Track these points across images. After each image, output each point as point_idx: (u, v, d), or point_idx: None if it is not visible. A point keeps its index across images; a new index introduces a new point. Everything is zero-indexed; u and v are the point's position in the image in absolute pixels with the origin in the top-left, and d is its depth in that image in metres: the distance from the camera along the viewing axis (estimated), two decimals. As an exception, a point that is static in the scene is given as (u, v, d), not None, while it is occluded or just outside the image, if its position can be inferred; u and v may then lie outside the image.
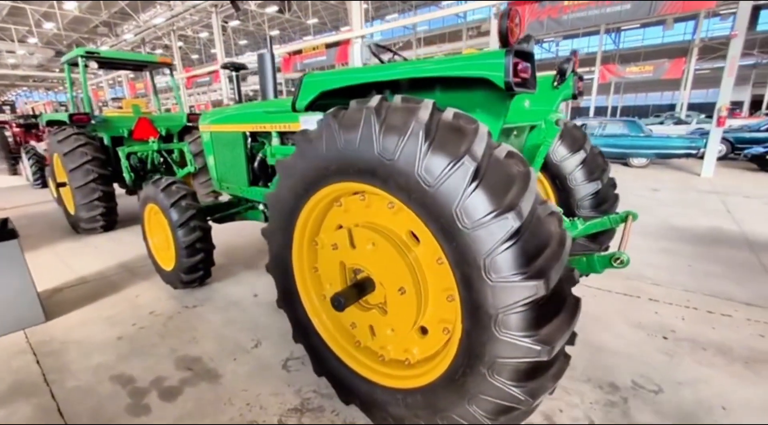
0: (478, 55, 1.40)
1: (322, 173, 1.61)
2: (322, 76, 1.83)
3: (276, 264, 2.03)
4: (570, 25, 9.93)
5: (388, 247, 1.54)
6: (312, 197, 1.73)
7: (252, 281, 3.57)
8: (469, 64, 1.41)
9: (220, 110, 3.62)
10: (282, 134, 3.10)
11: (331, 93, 1.83)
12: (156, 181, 3.21)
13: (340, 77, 1.76)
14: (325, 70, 3.22)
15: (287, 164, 1.76)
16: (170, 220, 3.03)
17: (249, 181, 3.42)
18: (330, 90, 1.80)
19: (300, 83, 1.88)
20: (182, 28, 26.10)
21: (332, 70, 1.83)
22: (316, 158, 1.61)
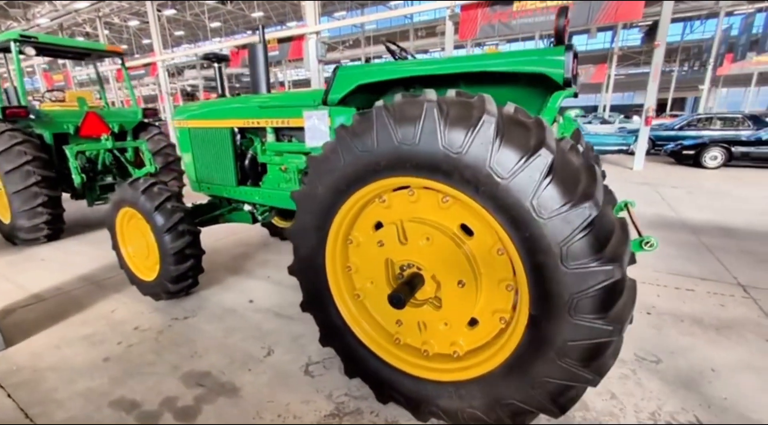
0: (536, 52, 1.45)
1: (371, 168, 1.57)
2: (361, 68, 1.77)
3: (304, 266, 1.93)
4: (519, 30, 10.57)
5: (445, 241, 1.55)
6: (355, 193, 1.67)
7: (242, 287, 3.36)
8: (526, 60, 1.46)
9: (200, 104, 3.35)
10: (277, 130, 2.96)
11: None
12: (133, 182, 2.88)
13: (383, 70, 1.72)
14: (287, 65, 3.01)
15: (325, 160, 1.68)
16: (154, 225, 2.75)
17: (237, 181, 3.21)
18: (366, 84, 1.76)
19: (334, 76, 1.81)
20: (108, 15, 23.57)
21: (372, 64, 1.78)
22: (365, 154, 1.56)
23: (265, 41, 2.98)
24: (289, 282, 3.45)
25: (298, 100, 2.67)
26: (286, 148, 2.94)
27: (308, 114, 2.57)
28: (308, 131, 2.60)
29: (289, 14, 32.99)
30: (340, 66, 1.82)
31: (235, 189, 3.27)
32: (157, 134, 5.44)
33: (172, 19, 30.41)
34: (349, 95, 1.94)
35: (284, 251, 4.23)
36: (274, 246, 4.41)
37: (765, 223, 5.14)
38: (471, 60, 1.56)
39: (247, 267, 3.80)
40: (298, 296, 3.28)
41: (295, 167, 2.91)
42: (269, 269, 3.76)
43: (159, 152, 5.31)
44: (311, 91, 2.64)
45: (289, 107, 2.70)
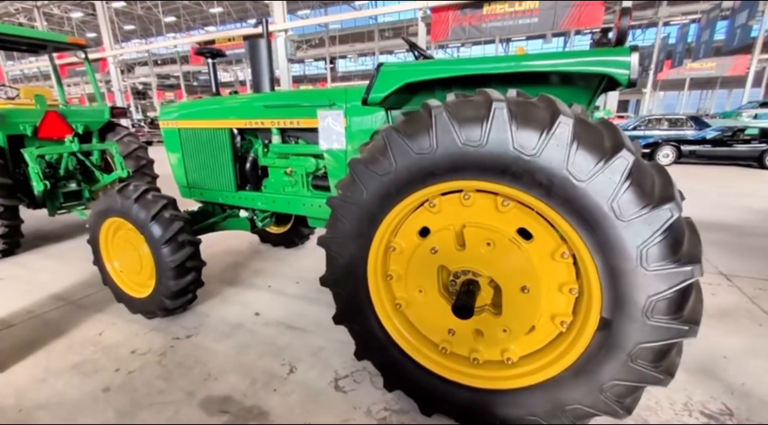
0: (601, 52, 1.44)
1: (428, 171, 1.49)
2: (408, 66, 1.68)
3: (342, 276, 1.81)
4: (488, 33, 10.88)
5: (508, 245, 1.50)
6: (405, 198, 1.58)
7: (242, 299, 3.14)
8: (592, 60, 1.44)
9: (191, 103, 3.10)
10: (283, 131, 2.79)
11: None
12: (122, 189, 2.60)
13: (434, 69, 1.64)
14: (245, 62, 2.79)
15: (373, 162, 1.57)
16: (151, 237, 2.49)
17: (237, 185, 3.00)
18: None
19: (376, 73, 1.71)
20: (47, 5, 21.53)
21: (419, 62, 1.70)
22: (421, 156, 1.47)
23: (269, 35, 2.80)
24: (293, 292, 3.27)
25: (311, 99, 2.52)
26: (294, 150, 2.78)
27: (323, 114, 2.44)
28: (322, 132, 2.47)
29: (250, 11, 31.90)
30: (384, 63, 1.72)
31: (233, 195, 3.05)
32: (126, 135, 4.99)
33: (120, 12, 28.37)
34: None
35: (279, 259, 4.02)
36: (267, 253, 4.18)
37: (724, 215, 5.60)
38: (533, 59, 1.53)
39: (243, 277, 3.57)
40: (305, 306, 3.18)
41: (303, 169, 2.76)
42: (267, 278, 3.55)
43: (130, 155, 4.88)
44: (326, 90, 2.51)
45: (301, 106, 2.55)
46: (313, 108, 2.49)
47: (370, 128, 2.40)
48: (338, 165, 2.54)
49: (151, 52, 33.04)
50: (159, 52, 37.83)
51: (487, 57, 1.63)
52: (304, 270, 3.72)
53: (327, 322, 2.77)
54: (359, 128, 2.42)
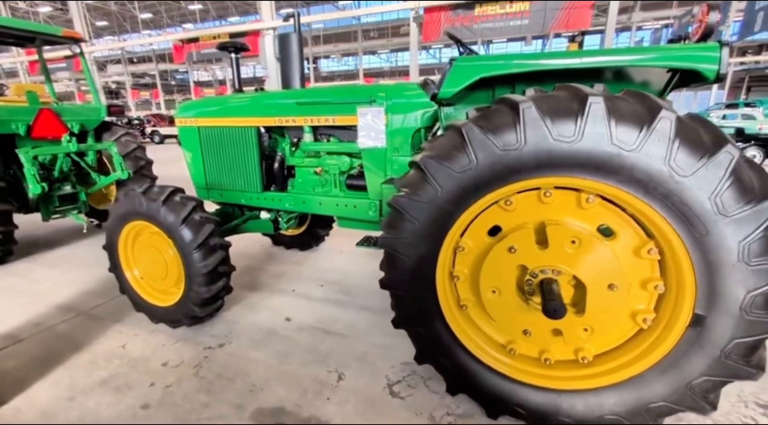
0: (689, 47, 1.43)
1: (514, 168, 1.44)
2: (482, 60, 1.64)
3: (407, 278, 1.74)
4: (480, 34, 11.00)
5: (593, 242, 1.47)
6: (485, 196, 1.53)
7: (268, 304, 3.01)
8: (681, 55, 1.43)
9: (212, 100, 2.96)
10: (314, 129, 2.70)
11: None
12: (148, 190, 2.44)
13: (513, 63, 1.59)
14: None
15: (449, 159, 1.52)
16: (180, 241, 2.34)
17: (263, 186, 2.88)
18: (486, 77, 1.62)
19: (449, 68, 1.65)
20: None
21: (493, 55, 1.65)
22: (507, 152, 1.43)
23: (300, 30, 2.70)
24: (319, 295, 3.17)
25: (350, 95, 2.44)
26: (327, 148, 2.68)
27: (363, 111, 2.37)
28: (362, 130, 2.40)
29: (230, 9, 31.16)
30: (458, 57, 1.66)
31: (259, 196, 2.92)
32: (124, 134, 4.73)
33: (92, 7, 27.16)
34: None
35: (296, 262, 3.90)
36: (282, 256, 4.05)
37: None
38: (620, 54, 1.51)
39: (264, 282, 3.43)
40: (335, 310, 3.08)
41: (337, 168, 2.68)
42: (290, 282, 3.43)
43: (128, 156, 4.62)
44: (367, 86, 2.43)
45: (338, 103, 2.46)
46: (351, 105, 2.41)
47: (412, 126, 2.34)
48: (376, 164, 2.47)
49: (127, 49, 31.80)
50: (134, 50, 36.45)
51: (570, 52, 1.60)
52: (326, 272, 3.61)
53: (363, 326, 2.69)
54: (400, 126, 2.36)
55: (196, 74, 42.05)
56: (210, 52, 14.98)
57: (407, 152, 2.40)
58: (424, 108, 2.31)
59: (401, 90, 2.35)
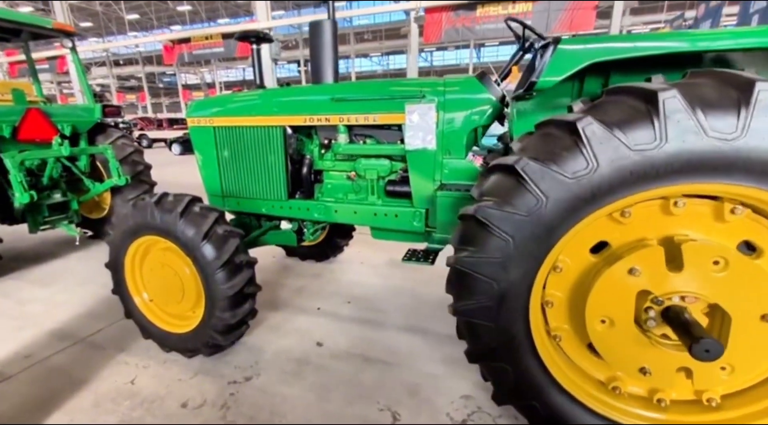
0: None
1: (646, 173, 1.17)
2: (597, 41, 1.36)
3: (491, 305, 1.44)
4: (482, 35, 10.84)
5: (745, 263, 1.20)
6: (602, 208, 1.25)
7: (294, 327, 2.68)
8: None
9: (229, 97, 2.63)
10: (349, 129, 2.39)
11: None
12: (161, 200, 2.10)
13: (629, 47, 1.32)
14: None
15: (558, 161, 1.23)
16: (202, 259, 2.01)
17: (288, 193, 2.56)
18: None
19: (551, 52, 1.37)
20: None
21: (604, 37, 1.38)
22: (641, 153, 1.15)
23: (334, 17, 2.39)
24: (347, 314, 2.85)
25: (396, 90, 2.15)
26: (366, 150, 2.38)
27: (411, 108, 2.07)
28: (410, 130, 2.10)
29: (219, 10, 30.62)
30: (561, 38, 1.39)
31: (283, 204, 2.60)
32: (120, 137, 4.34)
33: (76, 8, 26.34)
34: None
35: (315, 275, 3.57)
36: (298, 269, 3.71)
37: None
38: (746, 36, 1.24)
39: (285, 299, 3.10)
40: (370, 331, 2.68)
41: (375, 173, 2.37)
42: (312, 298, 3.10)
43: (125, 160, 4.23)
44: (417, 80, 2.14)
45: (382, 99, 2.16)
46: (397, 101, 2.12)
47: (468, 125, 2.06)
48: (424, 167, 2.18)
49: (112, 51, 30.94)
50: (119, 52, 35.51)
51: (688, 32, 1.33)
52: (350, 287, 3.29)
53: (405, 350, 2.39)
54: (454, 125, 2.08)
55: (184, 77, 41.22)
56: (201, 53, 14.53)
57: (460, 154, 2.11)
58: (483, 104, 2.03)
59: (457, 84, 2.07)
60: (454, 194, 2.02)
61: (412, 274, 3.49)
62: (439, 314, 2.79)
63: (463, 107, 2.05)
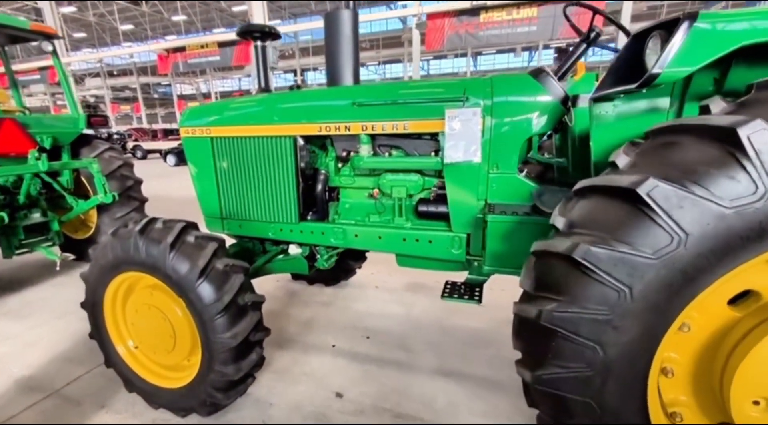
0: None
1: None
2: (753, 15, 1.00)
3: (596, 377, 1.06)
4: (486, 41, 10.61)
5: None
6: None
7: (306, 370, 2.28)
8: None
9: (229, 103, 2.27)
10: (373, 138, 2.03)
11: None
12: (147, 227, 1.71)
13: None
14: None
15: (701, 179, 0.87)
16: (198, 302, 1.61)
17: (299, 214, 2.18)
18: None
19: (684, 33, 1.01)
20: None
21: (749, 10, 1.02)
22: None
23: (355, 7, 2.04)
24: (367, 352, 2.47)
25: (433, 92, 1.79)
26: (391, 164, 2.01)
27: (452, 113, 1.72)
28: (450, 139, 1.74)
29: (215, 21, 30.49)
30: (700, 13, 1.03)
31: (294, 227, 2.22)
32: (107, 150, 3.96)
33: (70, 18, 26.09)
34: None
35: (325, 303, 3.17)
36: (305, 295, 3.32)
37: None
38: None
39: (292, 333, 2.70)
40: (398, 375, 2.21)
41: (404, 191, 2.00)
42: (324, 331, 2.70)
43: (112, 175, 3.84)
44: (458, 80, 1.79)
45: (416, 103, 1.80)
46: (435, 105, 1.76)
47: (523, 133, 1.71)
48: (466, 184, 1.82)
49: (106, 61, 30.67)
50: (114, 63, 35.22)
51: None
52: (366, 317, 2.90)
53: (442, 402, 2.00)
54: (504, 133, 1.72)
55: (180, 88, 40.99)
56: (196, 62, 14.22)
57: (511, 168, 1.76)
58: (540, 107, 1.68)
59: (507, 83, 1.72)
60: (508, 218, 1.66)
61: (435, 301, 3.11)
62: (474, 354, 2.41)
63: (516, 111, 1.70)
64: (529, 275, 1.21)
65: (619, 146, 1.34)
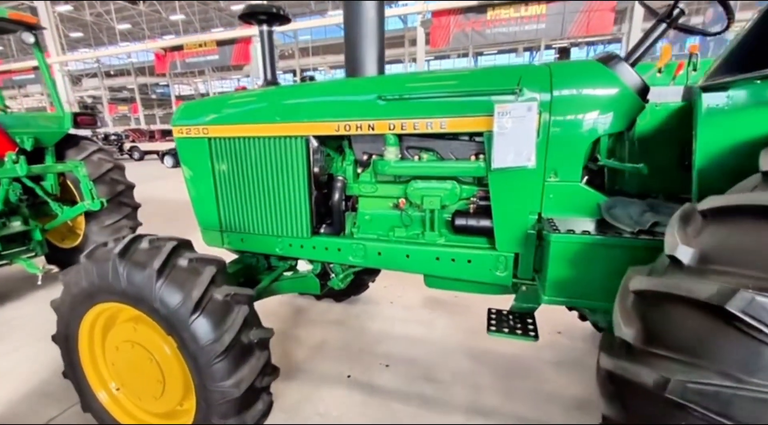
0: None
1: None
2: None
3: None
4: (493, 39, 10.31)
5: None
6: None
7: (319, 408, 1.97)
8: None
9: (229, 98, 1.95)
10: (400, 138, 1.72)
11: None
12: (129, 248, 1.39)
13: None
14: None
15: None
16: (192, 344, 1.30)
17: (312, 227, 1.87)
18: None
19: None
20: (-24, 7, 18.90)
21: None
22: None
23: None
24: (387, 384, 2.15)
25: (478, 82, 1.48)
26: (423, 170, 1.70)
27: (502, 108, 1.41)
28: (501, 139, 1.43)
29: (213, 21, 30.13)
30: None
31: (305, 242, 1.91)
32: (96, 151, 3.63)
33: (66, 18, 25.71)
34: None
35: (336, 321, 2.86)
36: (313, 311, 3.00)
37: None
38: None
39: (300, 359, 2.38)
40: (428, 415, 1.89)
41: (438, 201, 1.69)
42: (337, 359, 2.38)
43: (101, 179, 3.52)
44: (504, 66, 1.49)
45: (458, 96, 1.49)
46: (478, 100, 1.45)
47: (591, 133, 1.40)
48: (516, 195, 1.51)
49: (103, 61, 30.29)
50: (111, 63, 34.79)
51: None
52: (384, 340, 2.58)
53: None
54: (568, 133, 1.41)
55: (178, 88, 40.59)
56: (195, 61, 13.89)
57: (573, 176, 1.45)
58: (614, 101, 1.37)
59: (571, 71, 1.42)
60: (578, 239, 1.34)
61: (456, 319, 2.80)
62: (512, 387, 2.10)
63: (582, 105, 1.39)
64: (630, 322, 0.91)
65: (735, 147, 1.03)
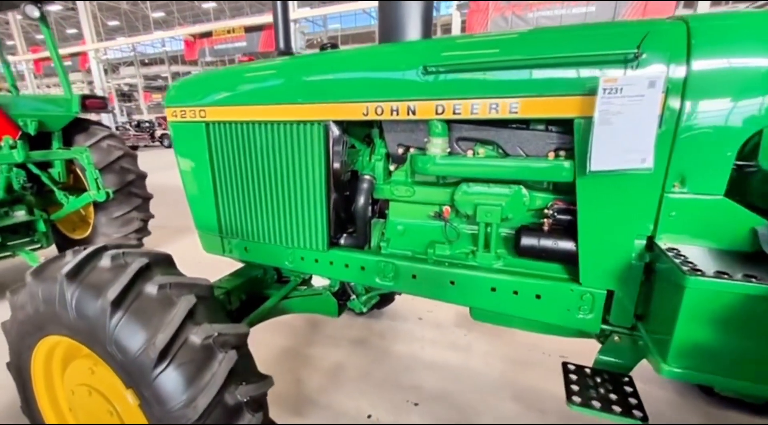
0: None
1: None
2: None
3: None
4: (535, 23, 9.50)
5: None
6: None
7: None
8: None
9: (231, 72, 1.57)
10: (449, 125, 1.28)
11: None
12: (84, 266, 1.04)
13: None
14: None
15: None
16: (158, 408, 0.93)
17: (330, 237, 1.47)
18: None
19: None
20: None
21: None
22: None
23: None
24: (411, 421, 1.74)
25: (573, 45, 1.02)
26: (478, 170, 1.26)
27: (609, 84, 0.94)
28: (602, 130, 0.98)
29: (244, 8, 30.18)
30: None
31: (320, 256, 1.51)
32: (105, 137, 3.39)
33: (104, 7, 26.42)
34: None
35: (356, 341, 2.47)
36: (329, 327, 2.62)
37: None
38: None
39: (313, 388, 2.01)
40: None
41: (498, 212, 1.25)
42: (355, 391, 2.00)
43: (110, 168, 3.27)
44: (615, 23, 1.02)
45: (537, 64, 1.04)
46: (572, 72, 1.00)
47: (753, 124, 0.91)
48: (618, 210, 1.06)
49: (138, 51, 31.04)
50: (146, 52, 35.71)
51: None
52: (413, 368, 2.18)
53: None
54: (711, 124, 0.94)
55: (209, 77, 41.20)
56: (223, 47, 13.75)
57: (715, 187, 0.97)
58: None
59: (727, 27, 0.93)
60: (738, 288, 0.84)
61: (497, 343, 2.36)
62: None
63: (738, 82, 0.91)
64: None
65: None
